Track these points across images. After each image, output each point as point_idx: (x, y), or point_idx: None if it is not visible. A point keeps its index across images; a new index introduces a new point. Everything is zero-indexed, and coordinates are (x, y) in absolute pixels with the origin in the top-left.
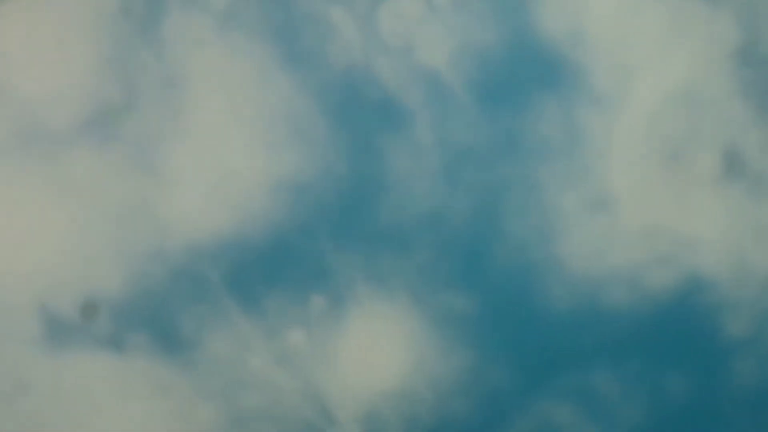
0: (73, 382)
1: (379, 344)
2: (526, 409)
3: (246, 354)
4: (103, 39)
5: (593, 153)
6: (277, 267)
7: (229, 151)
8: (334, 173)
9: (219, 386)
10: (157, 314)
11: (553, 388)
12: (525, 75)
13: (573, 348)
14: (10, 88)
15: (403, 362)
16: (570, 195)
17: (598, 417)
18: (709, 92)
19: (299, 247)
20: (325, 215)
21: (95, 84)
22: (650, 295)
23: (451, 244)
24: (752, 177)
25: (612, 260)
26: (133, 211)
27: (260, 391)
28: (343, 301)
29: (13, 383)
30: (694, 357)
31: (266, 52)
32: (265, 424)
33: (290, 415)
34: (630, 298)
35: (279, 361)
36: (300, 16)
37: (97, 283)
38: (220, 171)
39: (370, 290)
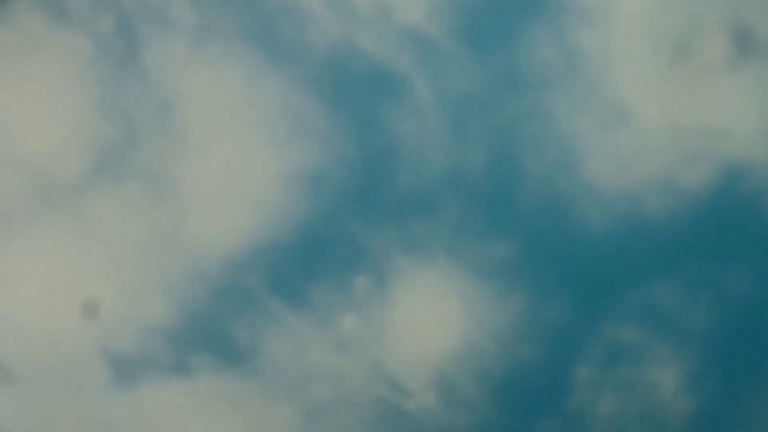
0: (150, 415)
1: (430, 309)
2: (592, 338)
3: (305, 349)
4: (89, 83)
5: (598, 68)
6: (313, 259)
7: (238, 158)
8: (345, 155)
9: (287, 386)
10: (212, 332)
11: (614, 311)
12: (509, 7)
13: (624, 267)
14: (14, 150)
15: (458, 320)
16: (585, 117)
17: (666, 329)
18: None
19: (329, 234)
20: (347, 197)
21: (94, 128)
22: (689, 195)
23: (476, 195)
24: (766, 53)
25: (642, 170)
26: (163, 241)
27: (328, 381)
28: (386, 276)
29: (95, 429)
30: (750, 246)
31: (249, 55)
32: (340, 412)
33: (363, 397)
34: (669, 203)
35: (339, 348)
36: (271, 11)
37: (147, 316)
38: (235, 179)
39: (409, 259)
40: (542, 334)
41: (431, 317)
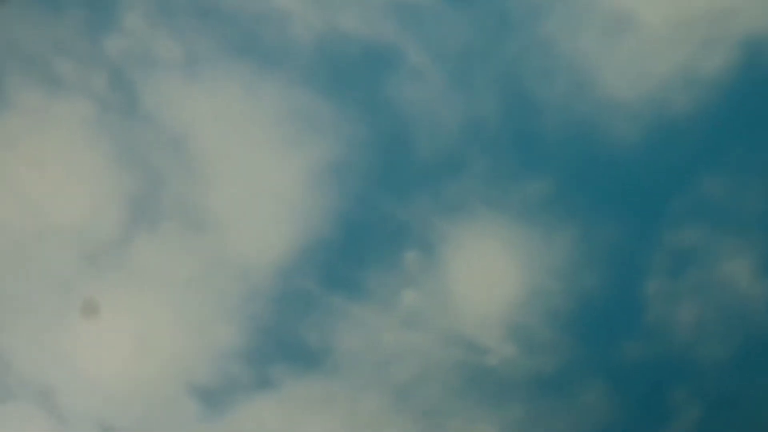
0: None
1: (485, 263)
2: (653, 250)
3: (376, 335)
4: (100, 140)
5: None
6: (358, 246)
7: (260, 169)
8: (360, 138)
9: (368, 374)
10: (283, 341)
11: (668, 218)
12: None
13: (666, 171)
14: (50, 222)
15: (515, 267)
16: (588, 34)
17: (726, 221)
18: None
19: (367, 218)
20: (374, 178)
21: (117, 181)
22: (714, 83)
23: (499, 141)
24: None
25: (659, 71)
26: (214, 268)
27: (406, 359)
28: (433, 244)
29: None
30: None
31: (242, 69)
32: (425, 385)
33: (443, 365)
34: (695, 96)
35: (407, 325)
36: (252, 21)
37: (219, 342)
38: (263, 190)
39: (450, 221)
40: (602, 259)
41: (488, 271)
